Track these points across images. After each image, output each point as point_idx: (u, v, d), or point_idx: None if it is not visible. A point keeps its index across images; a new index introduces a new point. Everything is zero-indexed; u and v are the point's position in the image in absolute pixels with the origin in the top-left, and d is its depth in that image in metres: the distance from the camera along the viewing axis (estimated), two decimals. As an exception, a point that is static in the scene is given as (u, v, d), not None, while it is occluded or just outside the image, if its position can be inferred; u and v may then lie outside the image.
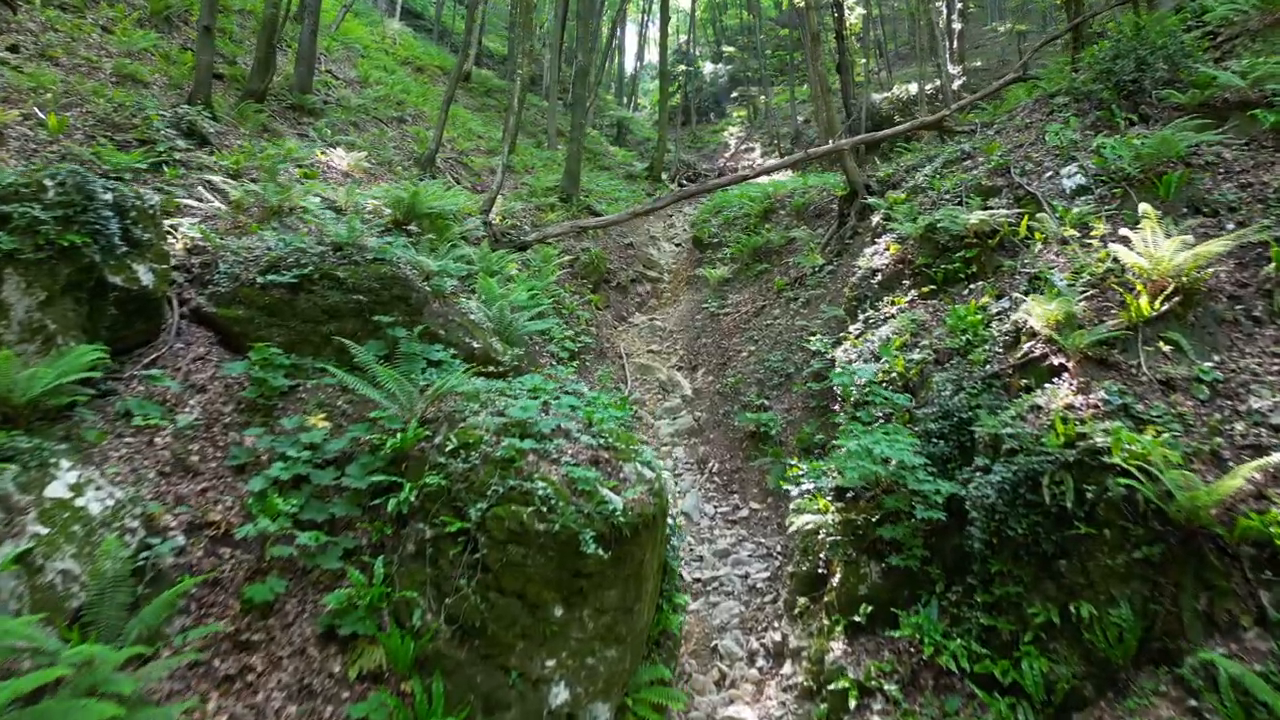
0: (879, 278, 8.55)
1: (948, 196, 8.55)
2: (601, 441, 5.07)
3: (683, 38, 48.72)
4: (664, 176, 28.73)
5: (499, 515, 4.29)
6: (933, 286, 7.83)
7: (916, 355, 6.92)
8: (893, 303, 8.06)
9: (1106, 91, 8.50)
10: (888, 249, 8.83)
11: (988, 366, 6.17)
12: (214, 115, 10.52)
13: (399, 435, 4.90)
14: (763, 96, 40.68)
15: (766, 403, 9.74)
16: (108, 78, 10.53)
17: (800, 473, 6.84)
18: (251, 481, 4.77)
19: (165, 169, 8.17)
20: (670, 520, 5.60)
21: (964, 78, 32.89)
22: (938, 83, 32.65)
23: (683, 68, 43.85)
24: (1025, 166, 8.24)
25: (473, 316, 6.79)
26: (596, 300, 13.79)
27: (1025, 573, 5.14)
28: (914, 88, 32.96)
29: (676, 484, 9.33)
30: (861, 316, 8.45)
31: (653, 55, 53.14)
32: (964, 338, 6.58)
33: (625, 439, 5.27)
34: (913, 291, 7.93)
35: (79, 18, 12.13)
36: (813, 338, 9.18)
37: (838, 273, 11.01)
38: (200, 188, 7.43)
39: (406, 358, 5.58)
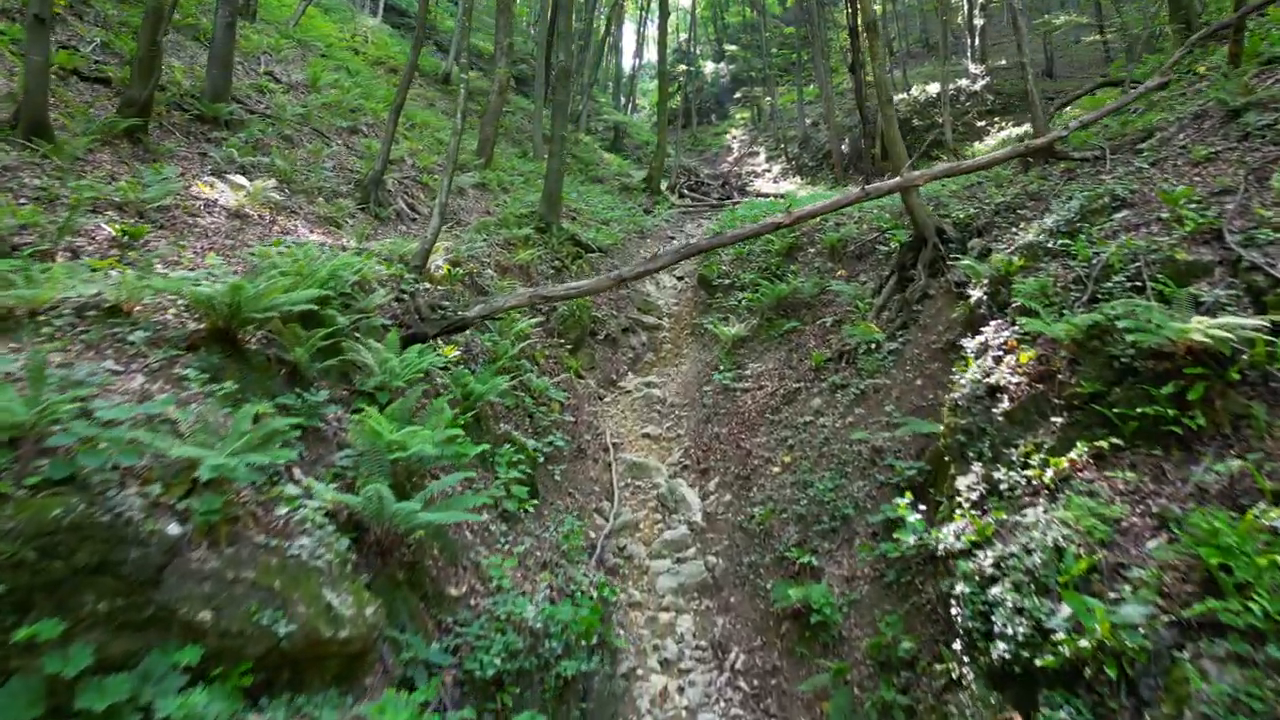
0: (1005, 404, 5.18)
1: (1119, 279, 5.14)
2: None
3: (683, 36, 45.05)
4: (663, 186, 25.27)
5: None
6: (1116, 440, 4.47)
7: (1133, 609, 3.56)
8: (1044, 459, 4.66)
9: (1370, 107, 5.12)
10: (1008, 349, 5.46)
11: (1343, 701, 2.85)
12: (33, 140, 7.20)
13: None
14: (767, 97, 37.10)
15: (815, 561, 6.38)
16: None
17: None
18: None
19: None
20: None
21: (988, 78, 29.39)
22: (961, 83, 29.16)
23: (683, 67, 40.28)
24: (1252, 232, 4.87)
25: (297, 549, 3.42)
26: (576, 366, 10.42)
27: None
28: (933, 88, 29.45)
29: (682, 693, 5.99)
30: (978, 466, 5.09)
31: (651, 54, 49.54)
32: (1254, 609, 3.22)
33: None
34: (1080, 445, 4.55)
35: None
36: (898, 503, 5.71)
37: (905, 354, 7.63)
38: None
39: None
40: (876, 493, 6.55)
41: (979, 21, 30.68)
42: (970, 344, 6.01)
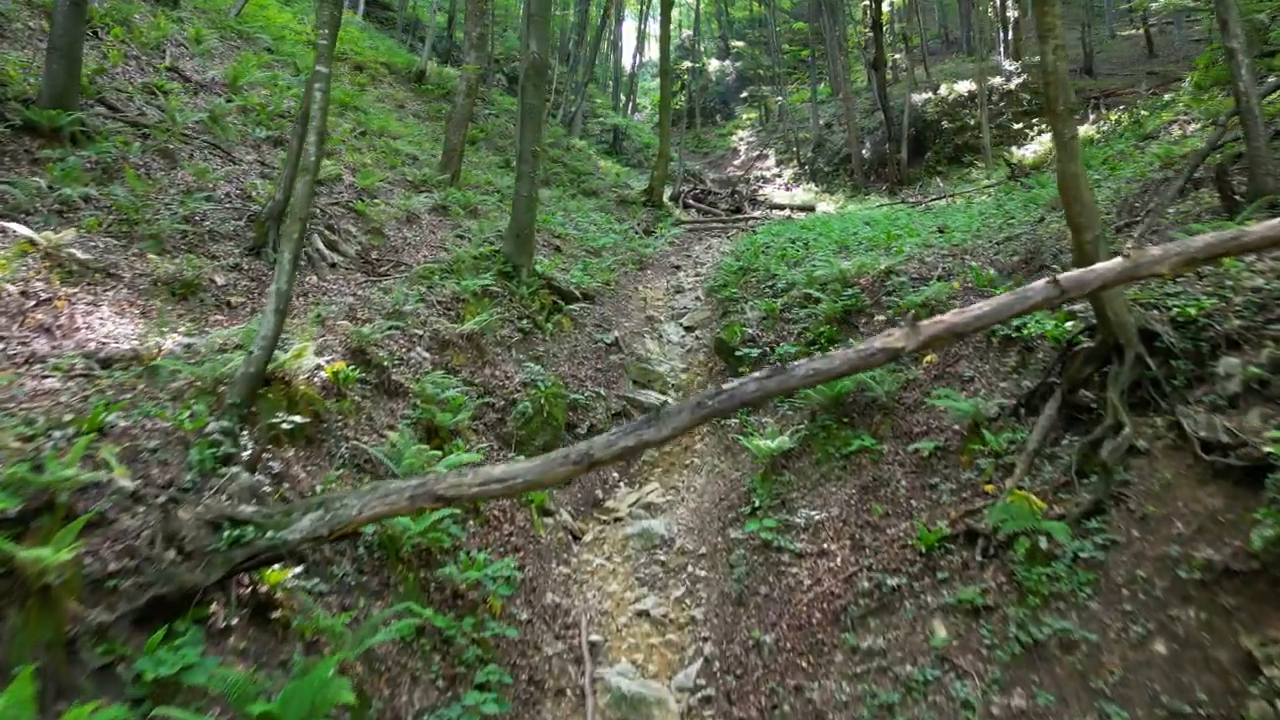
0: None
1: None
2: None
3: (686, 31, 41.10)
4: (665, 196, 21.50)
5: None
6: None
7: None
8: None
9: None
10: None
11: None
12: None
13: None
14: (777, 97, 33.24)
15: None
16: None
17: None
18: None
19: None
20: None
21: (1023, 75, 25.52)
22: (994, 81, 25.29)
23: (687, 65, 36.39)
24: None
25: None
26: (540, 499, 6.81)
27: None
28: (961, 87, 25.61)
29: None
30: None
31: (653, 51, 45.48)
32: None
33: None
34: None
35: None
36: None
37: (1111, 572, 4.01)
38: None
39: None
40: None
41: (1012, 14, 26.77)
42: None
